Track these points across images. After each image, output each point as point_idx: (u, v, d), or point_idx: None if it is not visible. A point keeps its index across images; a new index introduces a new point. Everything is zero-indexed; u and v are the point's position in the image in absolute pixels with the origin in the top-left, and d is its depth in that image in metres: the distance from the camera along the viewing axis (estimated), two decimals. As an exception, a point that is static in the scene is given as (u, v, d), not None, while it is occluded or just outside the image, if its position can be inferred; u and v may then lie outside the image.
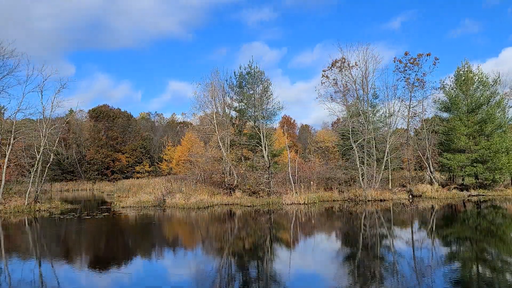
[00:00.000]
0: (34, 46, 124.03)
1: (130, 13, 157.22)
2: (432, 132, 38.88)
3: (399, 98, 38.37)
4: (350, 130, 33.09)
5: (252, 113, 36.86)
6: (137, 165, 69.11)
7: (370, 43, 78.47)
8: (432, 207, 26.80)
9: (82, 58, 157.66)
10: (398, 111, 38.62)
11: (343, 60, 36.50)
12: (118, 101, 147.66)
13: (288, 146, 38.44)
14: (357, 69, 36.24)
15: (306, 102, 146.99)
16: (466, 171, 34.66)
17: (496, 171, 33.81)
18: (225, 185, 32.64)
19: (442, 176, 39.79)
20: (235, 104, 38.09)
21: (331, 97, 37.82)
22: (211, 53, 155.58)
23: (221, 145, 33.26)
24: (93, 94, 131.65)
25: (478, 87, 36.21)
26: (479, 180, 35.05)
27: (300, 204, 28.32)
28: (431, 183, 36.28)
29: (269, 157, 32.97)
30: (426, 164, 37.85)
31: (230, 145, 36.03)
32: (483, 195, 33.42)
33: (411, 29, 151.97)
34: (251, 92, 36.22)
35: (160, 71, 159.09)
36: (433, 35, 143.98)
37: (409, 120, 40.60)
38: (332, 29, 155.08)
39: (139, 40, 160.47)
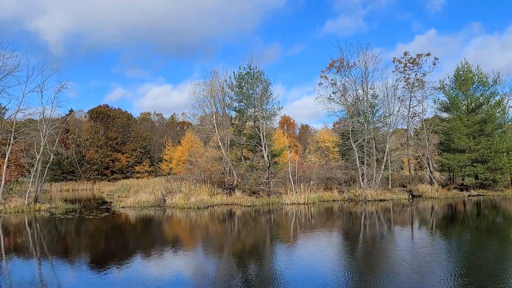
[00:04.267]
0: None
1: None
2: (432, 132, 38.91)
3: (399, 98, 38.41)
4: (350, 130, 33.09)
5: (252, 113, 36.85)
6: (137, 165, 69.12)
7: (370, 43, 78.44)
8: (432, 207, 26.80)
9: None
10: (398, 111, 38.68)
11: (342, 60, 36.53)
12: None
13: (288, 146, 38.44)
14: (356, 69, 36.28)
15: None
16: (466, 171, 34.67)
17: (496, 171, 33.82)
18: (225, 185, 32.65)
19: (442, 176, 39.80)
20: (235, 104, 38.08)
21: (330, 97, 37.89)
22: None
23: (221, 145, 33.26)
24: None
25: (478, 87, 36.24)
26: (479, 180, 35.06)
27: (300, 204, 28.32)
28: (431, 183, 36.30)
29: (269, 157, 32.95)
30: (426, 164, 37.87)
31: (230, 145, 36.03)
32: (483, 195, 33.43)
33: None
34: (251, 92, 36.21)
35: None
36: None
37: (409, 120, 40.65)
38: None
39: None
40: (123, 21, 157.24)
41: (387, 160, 34.79)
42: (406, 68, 39.30)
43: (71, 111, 65.05)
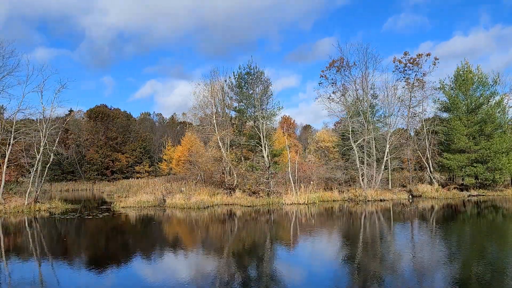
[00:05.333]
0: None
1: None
2: (432, 132, 38.90)
3: (399, 98, 38.39)
4: (350, 130, 33.09)
5: (252, 113, 36.85)
6: (137, 165, 69.10)
7: (370, 43, 78.45)
8: (432, 207, 26.80)
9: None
10: (398, 111, 38.68)
11: (342, 60, 36.54)
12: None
13: (288, 146, 38.43)
14: (356, 68, 36.29)
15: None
16: (466, 171, 34.67)
17: (496, 171, 33.82)
18: (225, 185, 32.64)
19: (442, 176, 39.80)
20: (235, 104, 38.08)
21: (330, 97, 37.90)
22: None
23: (221, 145, 33.25)
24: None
25: (478, 87, 36.22)
26: (479, 180, 35.06)
27: (300, 204, 28.32)
28: (431, 183, 36.30)
29: (269, 157, 32.96)
30: (426, 164, 37.87)
31: (230, 145, 36.03)
32: (483, 195, 33.43)
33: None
34: (251, 92, 36.21)
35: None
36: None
37: (409, 120, 40.64)
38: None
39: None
40: (179, 18, 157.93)
41: (387, 160, 34.78)
42: (406, 68, 39.29)
43: (71, 111, 65.02)
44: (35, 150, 29.54)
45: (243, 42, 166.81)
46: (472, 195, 33.36)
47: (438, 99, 38.46)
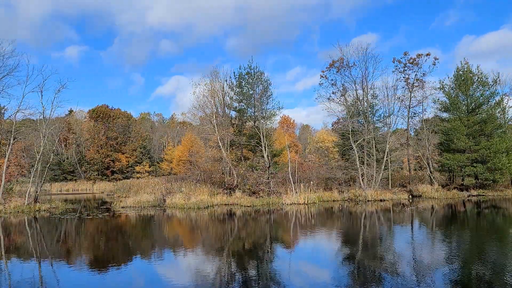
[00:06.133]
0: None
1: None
2: (432, 132, 38.90)
3: (399, 98, 38.40)
4: (350, 130, 33.09)
5: (252, 113, 36.86)
6: (137, 165, 69.14)
7: (370, 43, 78.40)
8: (432, 207, 26.80)
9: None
10: (398, 111, 38.68)
11: (342, 60, 36.53)
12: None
13: (288, 146, 38.46)
14: (356, 69, 36.29)
15: None
16: (466, 171, 34.67)
17: (496, 171, 33.81)
18: (225, 185, 32.64)
19: (442, 176, 39.79)
20: (235, 104, 38.10)
21: (330, 97, 37.90)
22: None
23: (221, 145, 33.25)
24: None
25: (478, 87, 36.22)
26: (479, 180, 35.06)
27: (300, 204, 28.32)
28: (431, 183, 36.30)
29: (269, 157, 32.96)
30: (426, 164, 37.87)
31: (230, 145, 36.04)
32: (483, 195, 33.42)
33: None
34: (251, 92, 36.22)
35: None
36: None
37: (409, 120, 40.64)
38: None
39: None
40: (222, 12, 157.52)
41: (387, 160, 34.78)
42: (406, 68, 39.28)
43: (71, 111, 65.07)
44: (35, 150, 29.55)
45: (279, 41, 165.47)
46: (472, 195, 33.35)
47: (438, 99, 38.49)
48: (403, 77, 39.45)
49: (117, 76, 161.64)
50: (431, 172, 37.32)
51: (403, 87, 39.67)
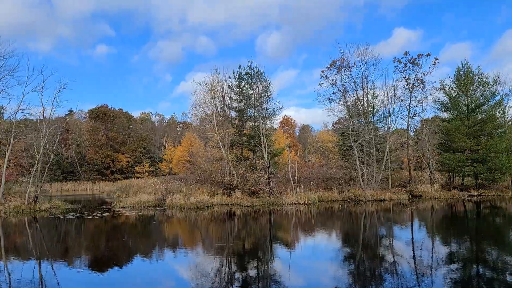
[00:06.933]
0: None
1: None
2: (432, 132, 38.89)
3: (399, 98, 38.37)
4: (350, 130, 33.08)
5: (252, 113, 36.85)
6: (137, 165, 69.13)
7: (370, 43, 78.43)
8: (432, 207, 26.79)
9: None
10: (398, 111, 38.64)
11: (342, 60, 36.51)
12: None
13: (288, 146, 38.45)
14: (356, 69, 36.26)
15: None
16: (466, 171, 34.66)
17: (496, 171, 33.81)
18: (225, 185, 32.63)
19: (442, 176, 39.79)
20: (235, 104, 38.11)
21: (330, 97, 37.87)
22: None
23: (221, 145, 33.25)
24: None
25: (478, 87, 36.22)
26: (479, 180, 35.04)
27: (300, 204, 28.31)
28: (431, 183, 36.28)
29: (269, 157, 32.94)
30: (426, 164, 37.86)
31: (230, 145, 36.02)
32: (483, 195, 33.41)
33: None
34: (251, 92, 36.22)
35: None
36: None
37: (409, 120, 40.63)
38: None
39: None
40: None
41: (387, 160, 34.78)
42: (406, 68, 39.24)
43: (71, 111, 65.06)
44: (35, 150, 29.54)
45: (315, 38, 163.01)
46: (472, 195, 33.33)
47: (439, 99, 38.49)
48: (404, 77, 39.43)
49: (147, 75, 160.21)
50: (431, 172, 37.30)
51: (403, 87, 39.67)
